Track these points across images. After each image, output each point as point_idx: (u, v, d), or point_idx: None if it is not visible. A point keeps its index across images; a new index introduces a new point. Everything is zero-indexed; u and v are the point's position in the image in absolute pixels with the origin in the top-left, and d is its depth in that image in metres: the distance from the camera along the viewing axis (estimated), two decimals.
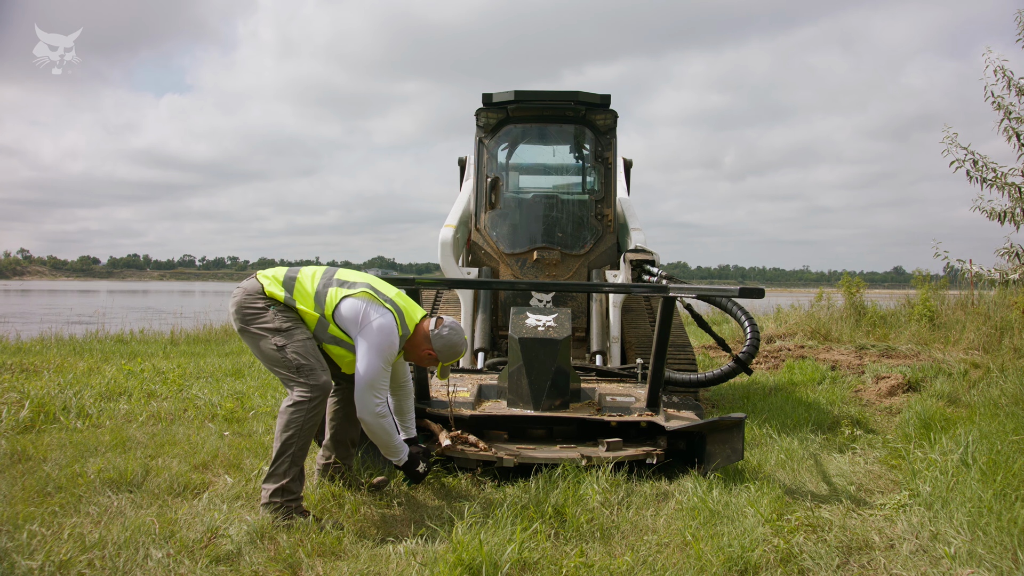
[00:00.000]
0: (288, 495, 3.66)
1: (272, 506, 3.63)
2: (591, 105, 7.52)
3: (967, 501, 3.67)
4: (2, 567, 2.98)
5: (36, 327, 14.20)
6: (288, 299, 3.91)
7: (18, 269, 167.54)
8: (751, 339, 5.88)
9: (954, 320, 10.88)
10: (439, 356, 4.13)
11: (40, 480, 4.16)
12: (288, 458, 3.69)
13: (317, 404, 3.77)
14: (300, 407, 3.73)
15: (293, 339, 3.82)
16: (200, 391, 7.21)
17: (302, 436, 3.72)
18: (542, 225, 7.55)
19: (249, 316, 3.89)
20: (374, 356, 3.85)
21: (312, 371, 3.78)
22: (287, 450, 3.69)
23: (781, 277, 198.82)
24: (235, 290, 4.02)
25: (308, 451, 3.79)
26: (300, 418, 3.71)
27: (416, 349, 4.14)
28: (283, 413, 3.75)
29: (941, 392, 6.89)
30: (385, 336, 3.88)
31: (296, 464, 3.71)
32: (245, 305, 3.91)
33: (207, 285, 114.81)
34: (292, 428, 3.70)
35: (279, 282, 3.96)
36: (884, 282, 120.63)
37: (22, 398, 6.22)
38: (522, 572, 3.10)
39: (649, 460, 4.68)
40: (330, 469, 4.21)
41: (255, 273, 4.06)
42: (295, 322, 3.90)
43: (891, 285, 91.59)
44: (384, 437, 3.96)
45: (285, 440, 3.70)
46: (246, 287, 3.98)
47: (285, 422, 3.72)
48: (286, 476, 3.66)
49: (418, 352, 4.15)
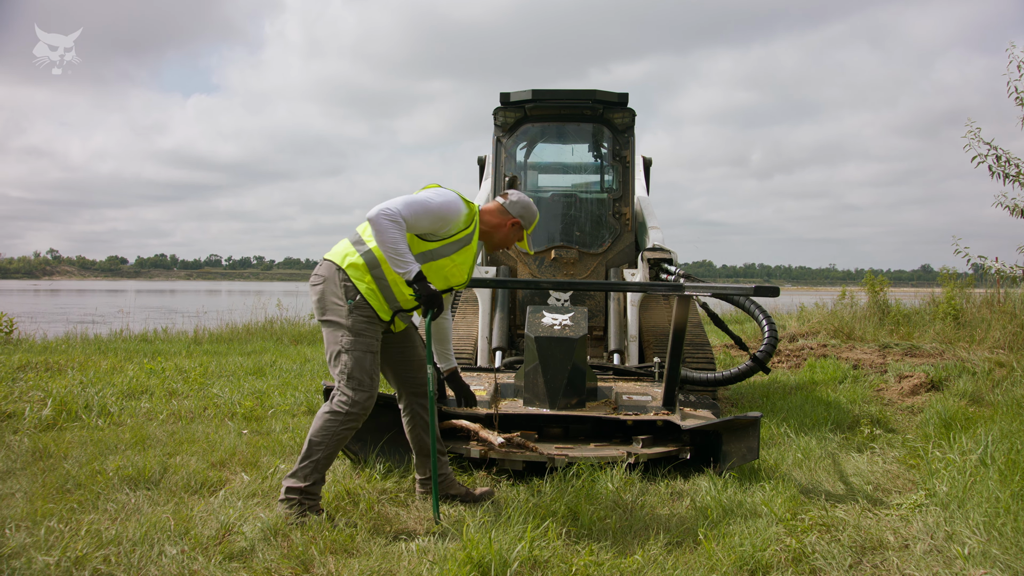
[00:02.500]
0: (306, 496, 3.67)
1: (288, 503, 3.65)
2: (609, 104, 7.52)
3: (984, 501, 3.63)
4: (20, 562, 3.03)
5: (62, 326, 14.39)
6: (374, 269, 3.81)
7: (47, 269, 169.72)
8: (768, 338, 5.85)
9: (979, 318, 10.75)
10: (523, 222, 4.17)
11: (60, 477, 4.21)
12: (312, 464, 3.69)
13: (352, 420, 3.71)
14: (336, 417, 3.70)
15: (357, 347, 3.74)
16: (220, 390, 7.27)
17: (330, 446, 3.71)
18: (560, 224, 7.56)
19: (329, 307, 3.80)
20: (427, 192, 3.86)
21: (359, 386, 3.71)
22: (313, 455, 3.69)
23: (807, 275, 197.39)
24: (314, 277, 3.91)
25: (332, 462, 3.79)
26: (333, 428, 3.70)
27: (497, 228, 4.14)
28: (319, 416, 3.74)
29: (964, 391, 6.81)
30: (447, 196, 3.88)
31: (318, 471, 3.71)
32: (327, 292, 3.82)
33: (233, 285, 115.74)
34: (322, 436, 3.70)
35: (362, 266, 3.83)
36: (911, 280, 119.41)
37: (45, 396, 6.32)
38: (533, 570, 3.11)
39: (682, 455, 4.72)
40: (430, 483, 4.05)
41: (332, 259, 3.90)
42: (368, 328, 3.79)
43: (918, 283, 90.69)
44: (392, 242, 3.64)
45: (313, 445, 3.70)
46: (328, 275, 3.86)
47: (319, 427, 3.71)
48: (307, 480, 3.67)
49: (502, 230, 4.15)
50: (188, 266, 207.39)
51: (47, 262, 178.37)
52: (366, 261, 3.81)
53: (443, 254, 3.89)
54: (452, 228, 3.89)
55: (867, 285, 13.43)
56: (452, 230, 3.90)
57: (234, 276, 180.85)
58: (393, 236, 3.63)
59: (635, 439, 4.84)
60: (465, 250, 3.98)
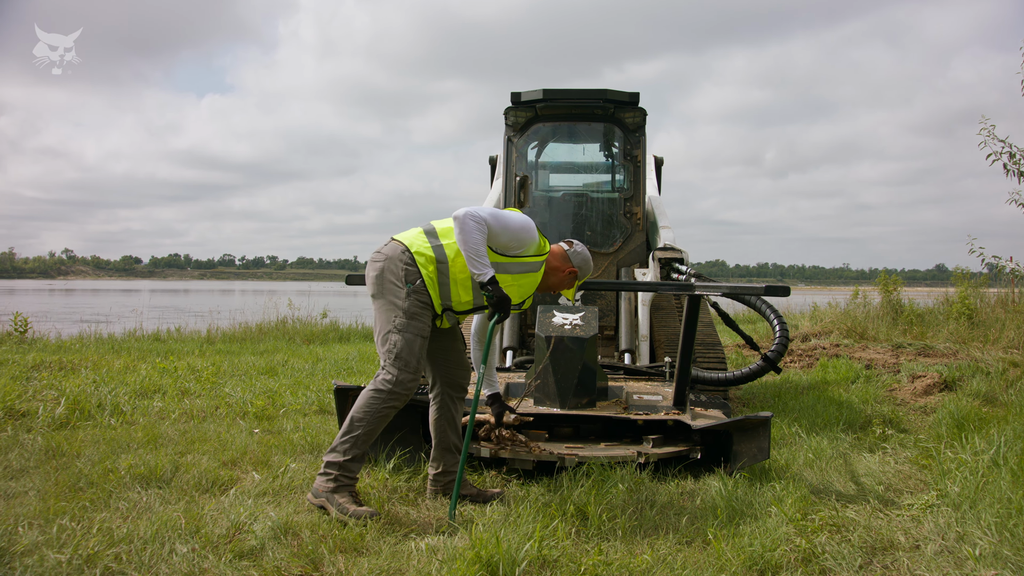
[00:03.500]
0: (344, 471, 3.74)
1: (325, 476, 3.73)
2: (620, 103, 7.52)
3: (996, 502, 3.60)
4: (32, 559, 3.05)
5: (76, 326, 14.48)
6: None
7: (62, 269, 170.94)
8: (780, 337, 5.84)
9: (993, 318, 10.68)
10: (580, 273, 4.29)
11: (73, 475, 4.24)
12: (352, 439, 3.76)
13: (394, 399, 3.79)
14: (379, 395, 3.78)
15: (409, 330, 3.83)
16: (232, 389, 7.31)
17: (371, 423, 3.78)
18: (571, 223, 7.57)
19: (386, 287, 3.91)
20: (510, 212, 4.05)
21: (405, 366, 3.79)
22: (353, 431, 3.77)
23: (820, 275, 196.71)
24: (375, 254, 4.03)
25: (373, 440, 3.83)
26: (375, 406, 3.77)
27: (555, 272, 4.23)
28: (363, 394, 3.83)
29: (977, 391, 6.77)
30: (526, 220, 4.05)
31: (358, 447, 3.77)
32: (387, 270, 3.93)
33: (246, 284, 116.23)
34: (364, 412, 3.77)
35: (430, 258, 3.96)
36: (926, 280, 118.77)
37: (59, 395, 6.36)
38: (541, 569, 3.11)
39: (693, 455, 4.72)
40: (442, 479, 4.15)
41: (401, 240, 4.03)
42: (423, 313, 3.89)
43: (932, 283, 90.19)
44: (475, 243, 3.81)
45: (355, 421, 3.78)
46: (391, 255, 3.97)
47: (361, 403, 3.80)
48: (346, 455, 3.75)
49: (559, 274, 4.24)
50: (202, 266, 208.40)
51: (62, 262, 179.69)
52: (436, 255, 3.94)
53: (510, 271, 4.00)
54: (524, 251, 4.05)
55: (880, 285, 13.37)
56: (524, 252, 4.05)
57: (247, 276, 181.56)
58: (476, 238, 3.80)
59: (645, 439, 4.84)
60: (530, 275, 4.12)
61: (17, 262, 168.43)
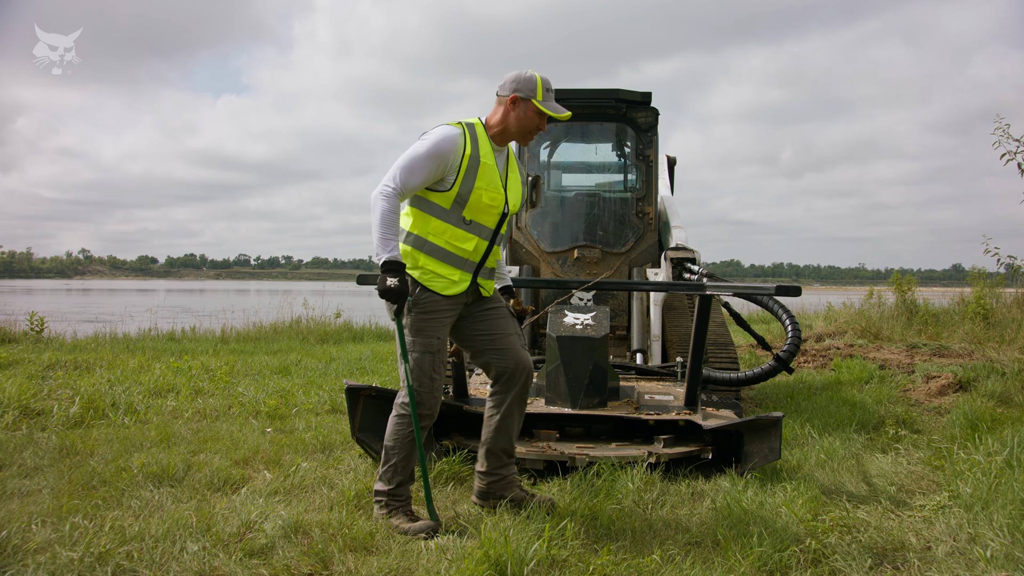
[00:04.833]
0: (392, 498, 3.70)
1: (378, 504, 3.71)
2: (632, 103, 7.51)
3: (1008, 503, 3.58)
4: (44, 557, 3.08)
5: (91, 325, 14.58)
6: None
7: (79, 269, 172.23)
8: (792, 337, 5.82)
9: (1009, 319, 10.60)
10: (521, 94, 3.64)
11: (86, 474, 4.28)
12: (391, 468, 3.71)
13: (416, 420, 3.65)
14: (402, 420, 3.70)
15: (415, 348, 3.65)
16: (245, 388, 7.34)
17: (403, 448, 3.71)
18: (583, 223, 7.56)
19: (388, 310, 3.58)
20: (418, 144, 3.53)
21: (419, 387, 3.64)
22: (390, 459, 3.72)
23: (836, 275, 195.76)
24: None
25: (414, 462, 3.76)
26: (400, 431, 3.70)
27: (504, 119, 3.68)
28: (391, 419, 3.75)
29: (992, 392, 6.72)
30: (434, 132, 3.55)
31: (399, 474, 3.71)
32: None
33: (261, 284, 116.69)
34: (393, 440, 3.72)
35: None
36: (942, 280, 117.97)
37: (74, 394, 6.41)
38: (550, 569, 3.11)
39: (704, 455, 4.70)
40: (487, 478, 3.94)
41: None
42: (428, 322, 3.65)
43: (949, 283, 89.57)
44: (377, 222, 3.43)
45: (388, 450, 3.73)
46: None
47: (389, 432, 3.74)
48: (390, 483, 3.71)
49: (508, 116, 3.68)
50: (217, 266, 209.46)
51: (79, 262, 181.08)
52: (412, 245, 3.64)
53: (468, 190, 3.57)
54: (455, 160, 3.56)
55: (895, 284, 13.28)
56: (456, 162, 3.56)
57: (263, 276, 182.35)
58: (378, 215, 3.42)
59: (656, 439, 4.83)
60: (482, 170, 3.61)
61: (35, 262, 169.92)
